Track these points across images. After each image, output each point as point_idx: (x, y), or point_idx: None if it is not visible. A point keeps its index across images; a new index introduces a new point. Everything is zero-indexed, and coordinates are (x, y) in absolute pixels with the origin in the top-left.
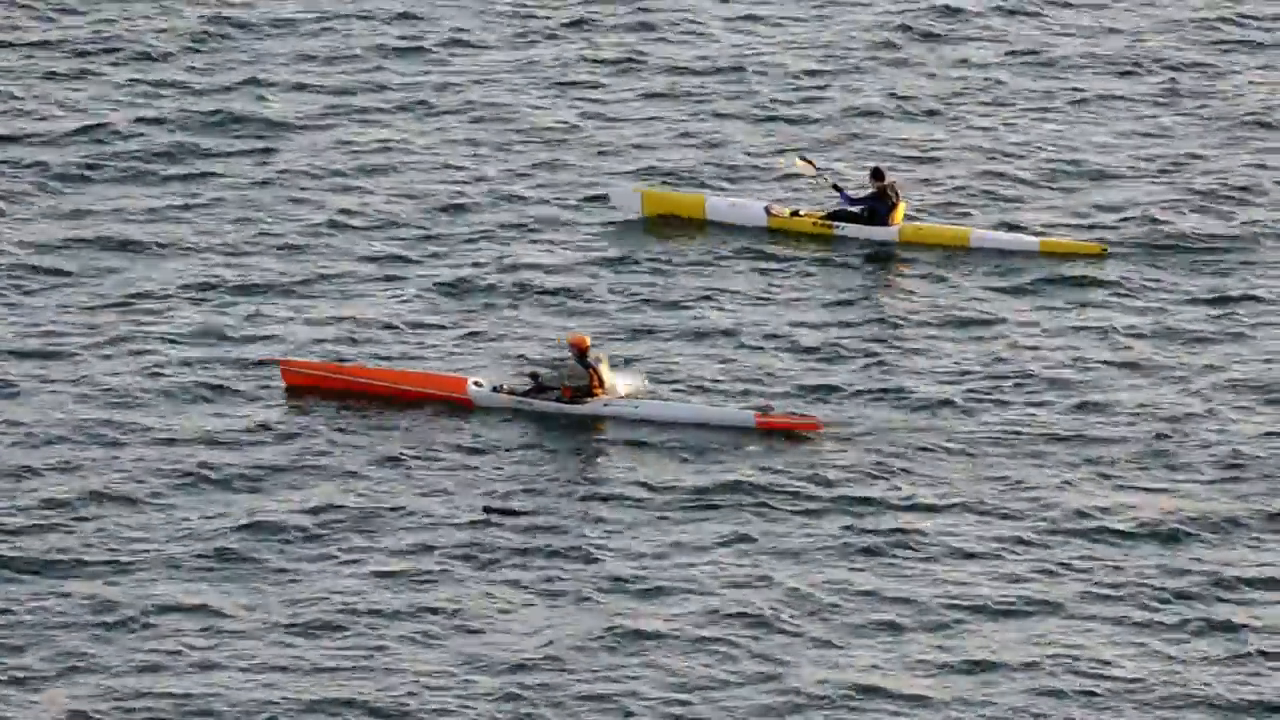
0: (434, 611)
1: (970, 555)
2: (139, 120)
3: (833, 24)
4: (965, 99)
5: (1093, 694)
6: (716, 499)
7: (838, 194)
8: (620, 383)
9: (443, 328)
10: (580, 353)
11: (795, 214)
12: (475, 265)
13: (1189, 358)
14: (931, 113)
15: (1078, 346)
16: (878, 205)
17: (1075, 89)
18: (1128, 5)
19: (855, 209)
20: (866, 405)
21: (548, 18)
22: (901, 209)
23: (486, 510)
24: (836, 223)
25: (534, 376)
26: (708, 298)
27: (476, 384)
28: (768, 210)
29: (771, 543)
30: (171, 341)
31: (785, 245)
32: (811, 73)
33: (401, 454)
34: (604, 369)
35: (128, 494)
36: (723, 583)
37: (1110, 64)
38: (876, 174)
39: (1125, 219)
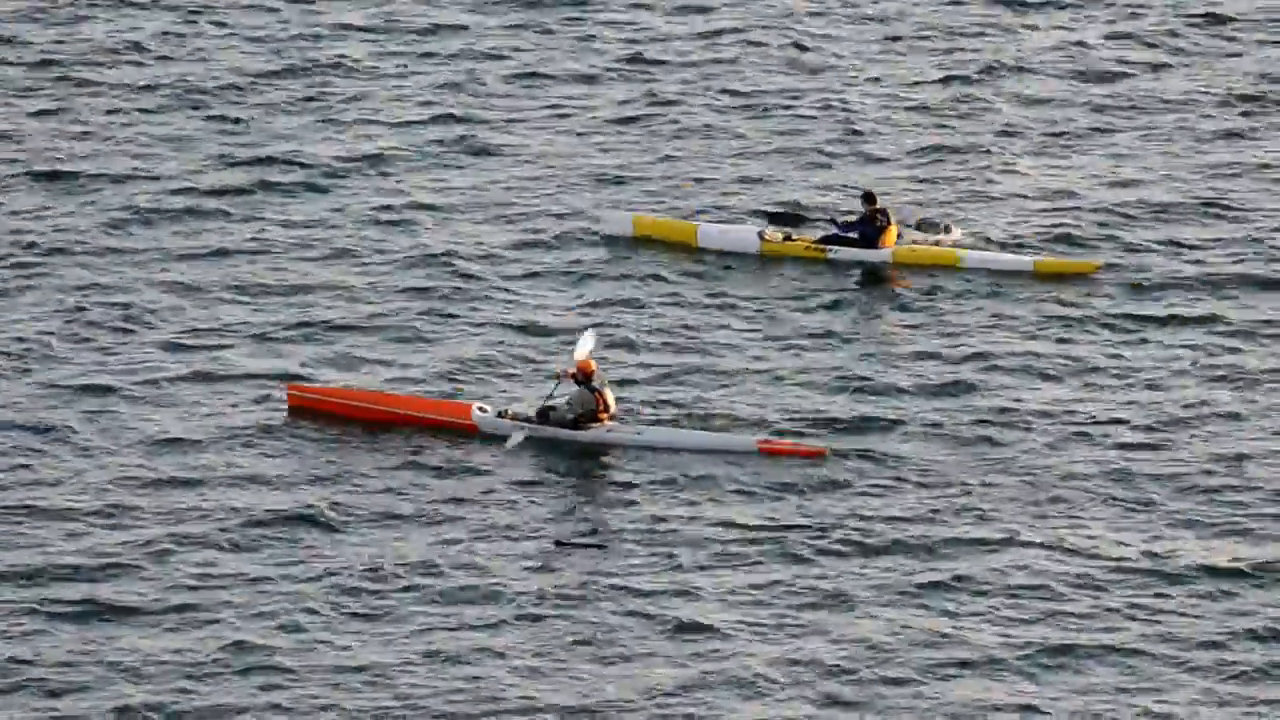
0: (437, 632)
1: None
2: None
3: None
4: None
5: None
6: (721, 526)
7: (833, 226)
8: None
9: (437, 352)
10: (586, 377)
11: (788, 238)
12: (466, 291)
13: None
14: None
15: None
16: (868, 228)
17: (1084, 122)
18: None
19: (848, 234)
20: (870, 431)
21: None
22: (893, 231)
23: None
24: (829, 246)
25: (545, 415)
26: (704, 324)
27: (481, 409)
28: (761, 235)
29: (780, 573)
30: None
31: (780, 269)
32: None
33: (407, 479)
34: (608, 393)
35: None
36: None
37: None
38: (868, 198)
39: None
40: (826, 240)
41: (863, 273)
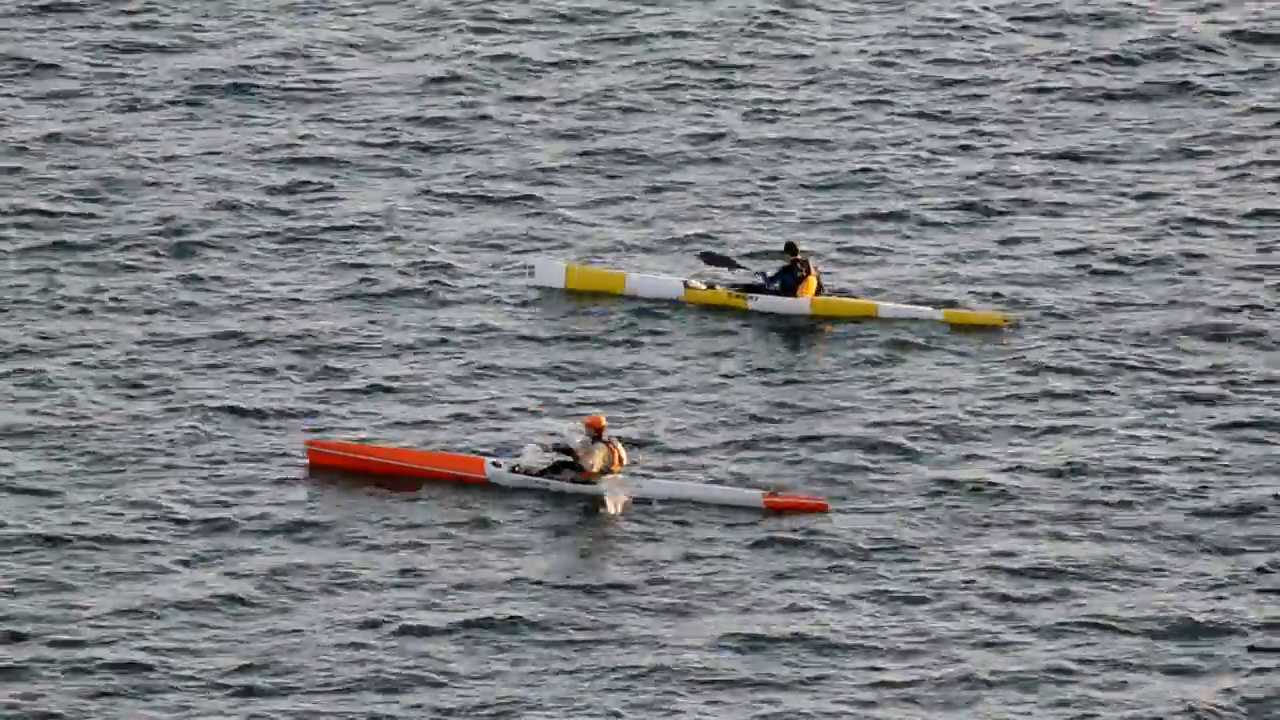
0: (453, 682)
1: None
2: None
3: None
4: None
5: None
6: (728, 579)
7: (761, 278)
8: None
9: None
10: (596, 432)
11: (711, 287)
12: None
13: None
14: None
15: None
16: (787, 277)
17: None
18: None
19: (769, 283)
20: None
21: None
22: (813, 281)
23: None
24: (750, 294)
25: (557, 448)
26: (627, 370)
27: (495, 464)
28: (685, 284)
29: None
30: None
31: (703, 317)
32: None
33: (421, 533)
34: (620, 448)
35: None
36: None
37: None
38: (789, 248)
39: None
40: (747, 289)
41: (782, 321)
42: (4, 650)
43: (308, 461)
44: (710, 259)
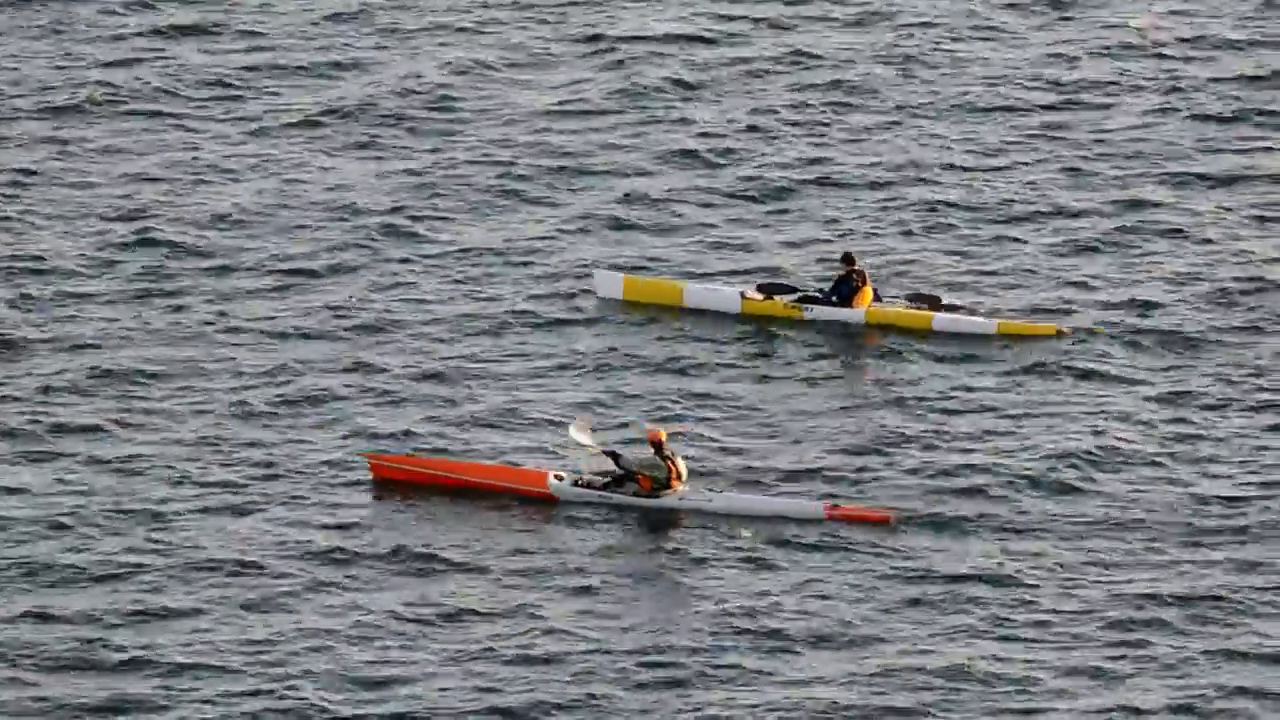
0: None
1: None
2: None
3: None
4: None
5: None
6: (791, 593)
7: (819, 295)
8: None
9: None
10: (657, 446)
11: (769, 298)
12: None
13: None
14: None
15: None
16: (844, 288)
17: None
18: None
19: (826, 297)
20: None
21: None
22: (868, 293)
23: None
24: (806, 305)
25: (614, 455)
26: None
27: (558, 477)
28: (743, 295)
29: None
30: (251, 443)
31: (760, 328)
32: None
33: (486, 548)
34: (680, 462)
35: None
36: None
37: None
38: (846, 258)
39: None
40: (804, 300)
41: (839, 332)
42: (131, 680)
43: (371, 475)
44: (768, 289)
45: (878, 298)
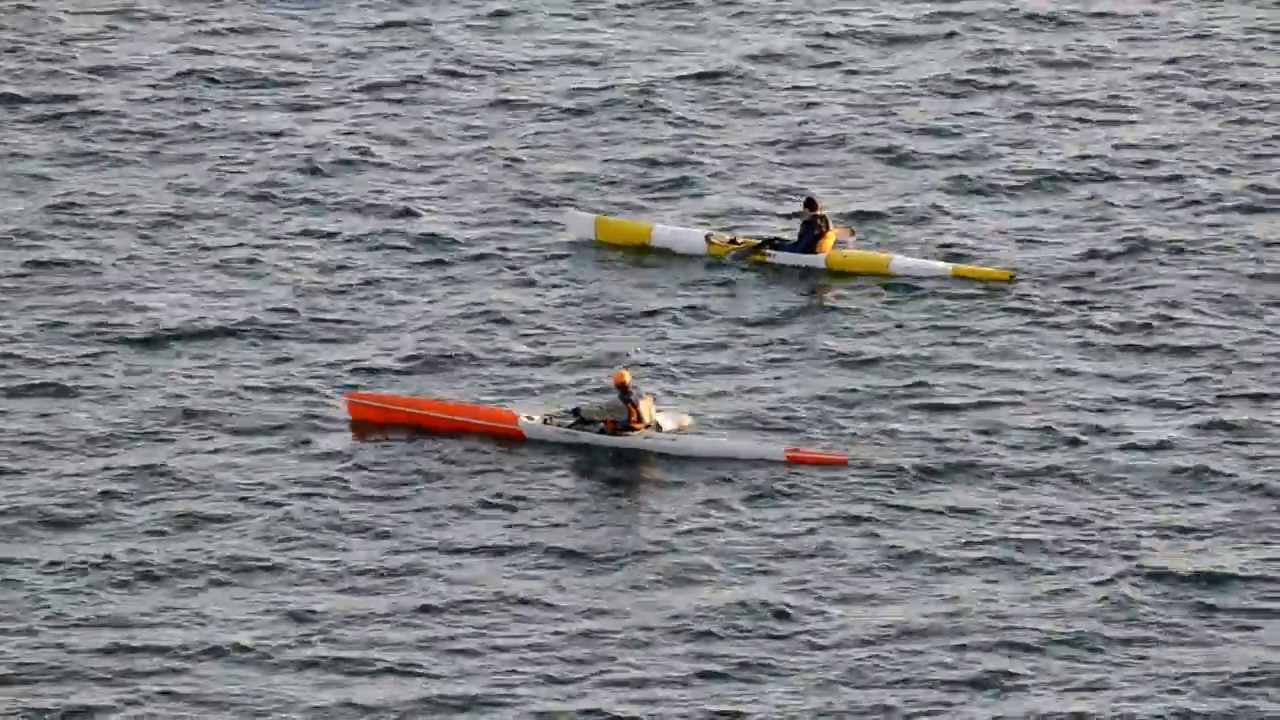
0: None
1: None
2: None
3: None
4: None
5: None
6: (750, 533)
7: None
8: (667, 419)
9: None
10: (622, 388)
11: (733, 242)
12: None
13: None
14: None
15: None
16: (807, 234)
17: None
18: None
19: (792, 243)
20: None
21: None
22: (831, 237)
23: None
24: (770, 250)
25: (575, 412)
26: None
27: (528, 418)
28: (708, 239)
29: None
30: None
31: (723, 271)
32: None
33: (452, 481)
34: (644, 405)
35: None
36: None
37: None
38: (809, 203)
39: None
40: (767, 244)
41: (800, 275)
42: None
43: (348, 416)
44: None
45: (839, 243)
